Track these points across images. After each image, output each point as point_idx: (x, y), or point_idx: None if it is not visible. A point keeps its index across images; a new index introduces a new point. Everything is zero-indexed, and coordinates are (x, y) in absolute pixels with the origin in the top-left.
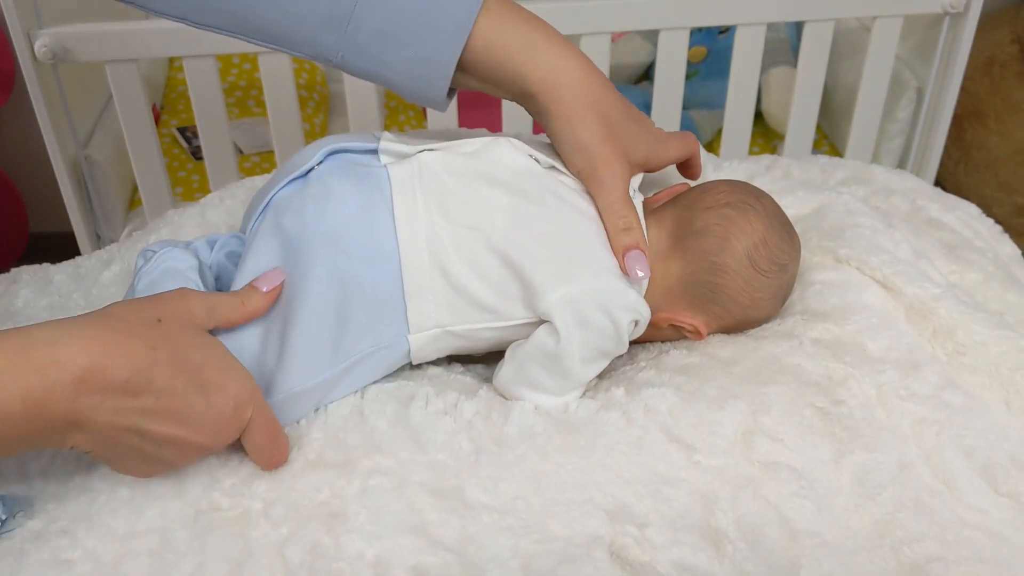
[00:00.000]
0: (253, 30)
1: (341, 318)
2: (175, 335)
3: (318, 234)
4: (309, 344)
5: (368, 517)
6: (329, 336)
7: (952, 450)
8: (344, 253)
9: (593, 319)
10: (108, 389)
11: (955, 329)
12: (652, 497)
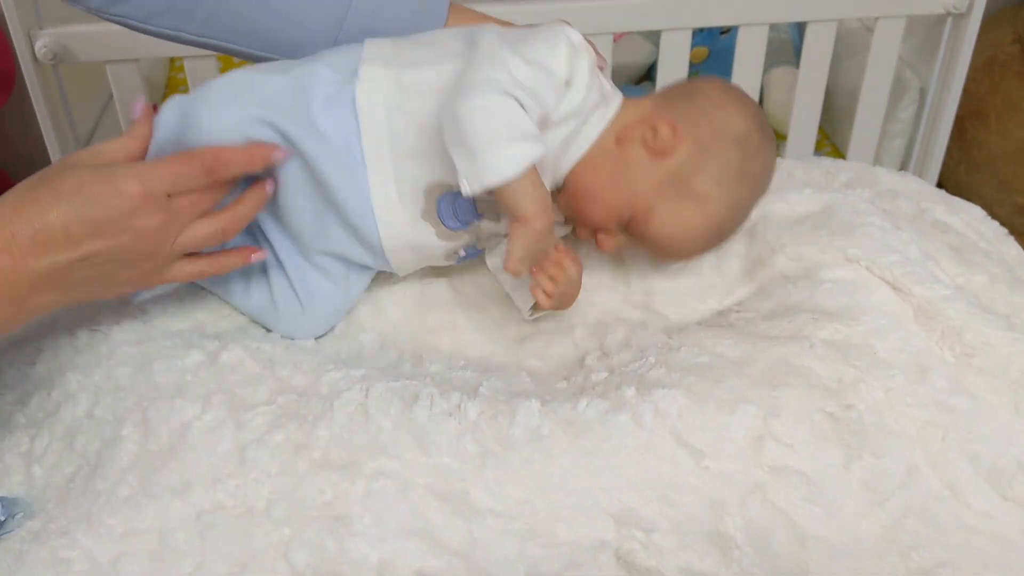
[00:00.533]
0: (251, 40)
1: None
2: (57, 176)
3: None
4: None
5: (372, 520)
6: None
7: (957, 455)
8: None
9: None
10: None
11: (964, 331)
12: (659, 502)
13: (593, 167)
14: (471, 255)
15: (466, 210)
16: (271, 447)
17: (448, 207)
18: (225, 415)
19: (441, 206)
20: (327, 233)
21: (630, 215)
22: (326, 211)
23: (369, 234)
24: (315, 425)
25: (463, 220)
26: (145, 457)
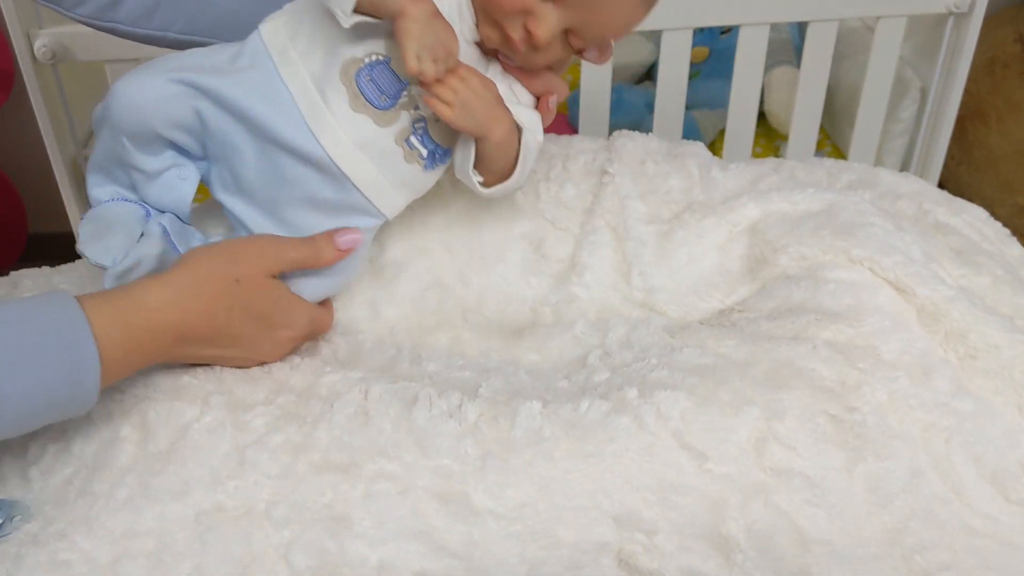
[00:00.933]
0: (240, 33)
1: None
2: (249, 293)
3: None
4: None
5: (372, 522)
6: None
7: (961, 457)
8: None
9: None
10: (196, 340)
11: (967, 332)
12: (661, 504)
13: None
14: (435, 155)
15: (388, 81)
16: (270, 449)
17: (369, 86)
18: (224, 416)
19: (361, 86)
20: (282, 174)
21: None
22: (272, 150)
23: (313, 150)
24: (314, 427)
25: (390, 93)
26: (144, 459)
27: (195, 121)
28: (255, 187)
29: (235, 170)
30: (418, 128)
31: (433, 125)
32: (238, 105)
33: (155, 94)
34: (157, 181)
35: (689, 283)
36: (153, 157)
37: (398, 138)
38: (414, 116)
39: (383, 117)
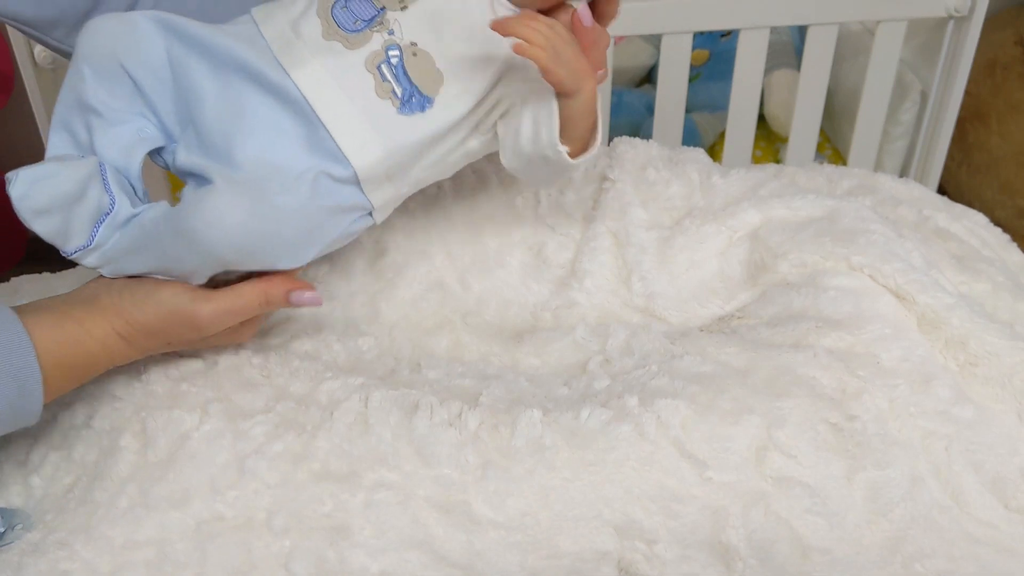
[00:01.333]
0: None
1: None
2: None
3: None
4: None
5: (373, 531)
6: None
7: (962, 465)
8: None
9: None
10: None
11: (968, 339)
12: (662, 513)
13: None
14: (411, 98)
15: (362, 6)
16: (270, 457)
17: (343, 13)
18: (223, 425)
19: (336, 14)
20: (243, 108)
21: None
22: (235, 82)
23: (279, 79)
24: (314, 435)
25: (364, 18)
26: (144, 467)
27: (162, 62)
28: (212, 129)
29: (194, 117)
30: (392, 57)
31: (410, 59)
32: (208, 42)
33: (130, 27)
34: (112, 130)
35: (689, 289)
36: (112, 97)
37: (368, 62)
38: (387, 41)
39: (353, 40)
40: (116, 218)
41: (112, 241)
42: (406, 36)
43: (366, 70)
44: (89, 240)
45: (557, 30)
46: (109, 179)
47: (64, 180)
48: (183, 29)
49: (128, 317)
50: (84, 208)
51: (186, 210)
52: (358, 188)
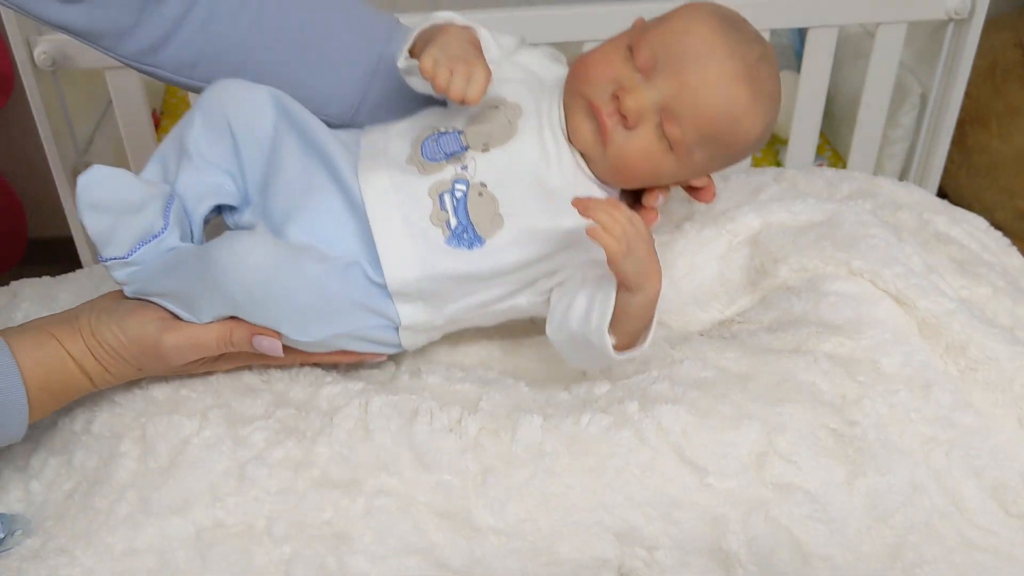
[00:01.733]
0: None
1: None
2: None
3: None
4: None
5: (373, 538)
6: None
7: (962, 470)
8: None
9: None
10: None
11: (968, 344)
12: (662, 520)
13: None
14: (463, 233)
15: (450, 143)
16: (270, 464)
17: (431, 145)
18: (223, 431)
19: (425, 145)
20: (311, 186)
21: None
22: (314, 167)
23: (350, 178)
24: (314, 442)
25: (446, 152)
26: (144, 474)
27: (267, 135)
28: (278, 198)
29: (269, 184)
30: (457, 191)
31: (475, 198)
32: (309, 128)
33: (250, 94)
34: (197, 175)
35: (690, 293)
36: (209, 147)
37: (432, 189)
38: (457, 175)
39: (428, 167)
40: (160, 244)
41: (147, 265)
42: (478, 176)
43: (428, 195)
44: (127, 254)
45: (636, 224)
46: (172, 208)
47: (131, 189)
48: (295, 113)
49: (100, 338)
50: (136, 222)
51: (219, 240)
52: (387, 296)
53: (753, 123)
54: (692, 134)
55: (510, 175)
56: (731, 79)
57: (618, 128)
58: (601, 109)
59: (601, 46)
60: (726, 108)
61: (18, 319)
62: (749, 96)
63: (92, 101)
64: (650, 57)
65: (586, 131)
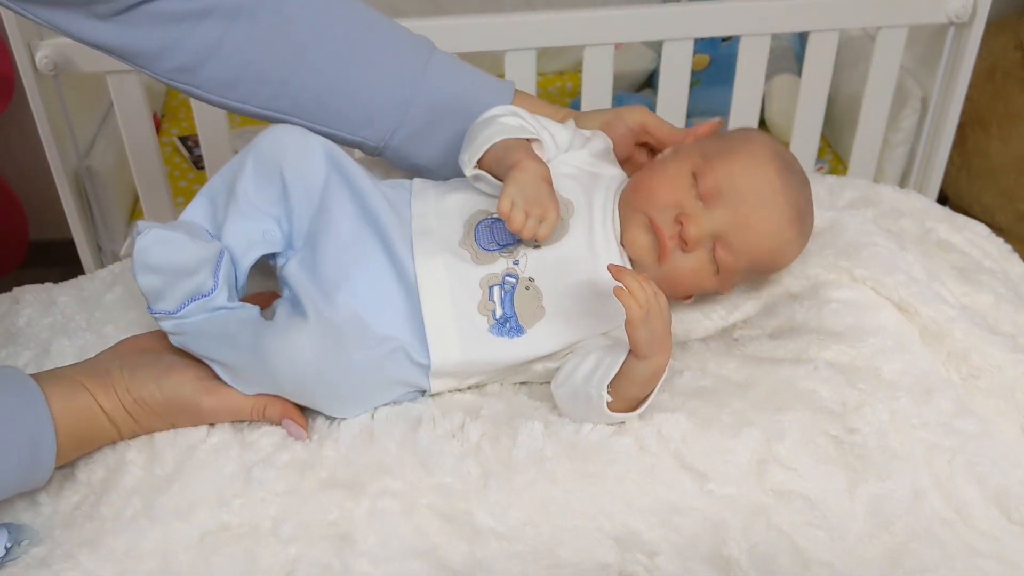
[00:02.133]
0: (315, 116)
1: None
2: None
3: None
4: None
5: (377, 540)
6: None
7: (965, 477)
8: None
9: None
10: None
11: (970, 352)
12: (663, 526)
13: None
14: (506, 323)
15: (504, 233)
16: (277, 467)
17: (485, 232)
18: (230, 437)
19: (478, 231)
20: (361, 259)
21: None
22: (366, 235)
23: (403, 253)
24: (321, 445)
25: (500, 242)
26: (150, 481)
27: (318, 185)
28: (329, 261)
29: (319, 242)
30: (507, 283)
31: (521, 292)
32: (363, 190)
33: (304, 144)
34: (244, 223)
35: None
36: (257, 193)
37: (483, 281)
38: (508, 269)
39: (481, 256)
40: (210, 303)
41: (195, 319)
42: (527, 271)
43: (479, 286)
44: (177, 309)
45: (660, 301)
46: (222, 268)
47: (186, 255)
48: (347, 169)
49: (135, 395)
50: (188, 283)
51: (272, 333)
52: (426, 375)
53: (792, 255)
54: (742, 263)
55: (557, 271)
56: (786, 223)
57: (676, 250)
58: (664, 231)
59: (666, 166)
60: (777, 247)
61: (20, 325)
62: (795, 235)
63: (93, 104)
64: (714, 188)
65: (643, 243)
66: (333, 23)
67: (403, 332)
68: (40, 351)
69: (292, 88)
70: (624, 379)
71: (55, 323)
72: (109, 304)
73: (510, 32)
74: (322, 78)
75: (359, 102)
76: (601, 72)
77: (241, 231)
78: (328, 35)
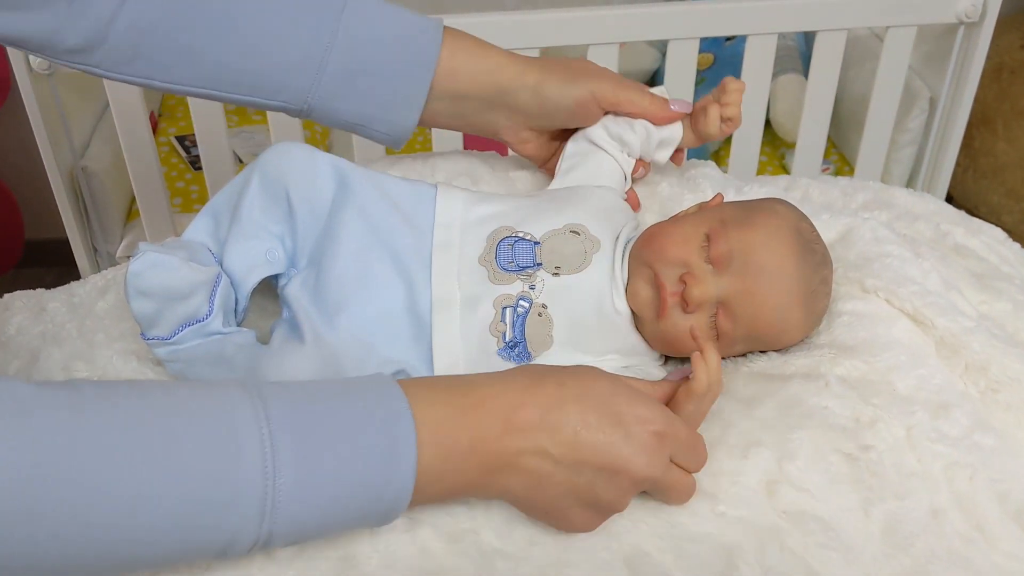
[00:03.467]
0: (226, 84)
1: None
2: (582, 376)
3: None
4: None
5: (380, 561)
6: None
7: (986, 494)
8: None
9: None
10: (528, 428)
11: (989, 364)
12: (673, 550)
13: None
14: (515, 348)
15: (525, 253)
16: None
17: (506, 251)
18: None
19: (500, 248)
20: (368, 280)
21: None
22: (374, 254)
23: (417, 271)
24: None
25: (519, 263)
26: None
27: (324, 205)
28: (332, 283)
29: (323, 262)
30: (520, 307)
31: (534, 318)
32: (375, 209)
33: (310, 162)
34: (246, 243)
35: None
36: (262, 213)
37: (497, 302)
38: (523, 292)
39: (499, 276)
40: (204, 328)
41: (189, 345)
42: (542, 297)
43: (492, 306)
44: (171, 335)
45: (718, 389)
46: (218, 293)
47: (179, 279)
48: (356, 186)
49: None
50: (182, 308)
51: (268, 356)
52: None
53: (796, 335)
54: (741, 332)
55: (571, 302)
56: (794, 302)
57: (676, 308)
58: (666, 287)
59: (680, 223)
60: (780, 323)
61: (11, 333)
62: (802, 316)
63: (89, 104)
64: (726, 254)
65: (644, 297)
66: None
67: (407, 354)
68: (29, 359)
69: (197, 53)
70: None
71: (46, 331)
72: (101, 312)
73: (512, 31)
74: (229, 40)
75: (271, 62)
76: None
77: (243, 251)
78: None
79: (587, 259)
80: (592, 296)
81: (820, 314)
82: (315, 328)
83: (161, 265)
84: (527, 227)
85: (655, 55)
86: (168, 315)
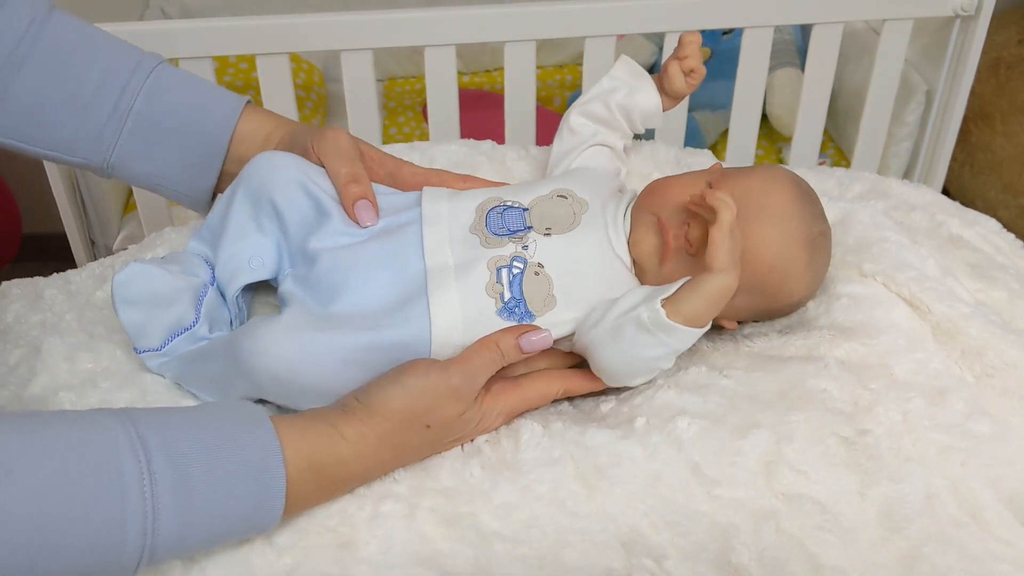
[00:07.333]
0: (35, 136)
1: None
2: (438, 434)
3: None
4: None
5: (379, 546)
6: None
7: (978, 480)
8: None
9: None
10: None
11: (985, 350)
12: (670, 530)
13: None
14: (514, 307)
15: (515, 219)
16: None
17: (496, 218)
18: None
19: (489, 217)
20: (361, 256)
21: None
22: (364, 235)
23: (411, 238)
24: None
25: (510, 228)
26: None
27: (303, 198)
28: (323, 274)
29: (313, 258)
30: (515, 267)
31: (530, 276)
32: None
33: (293, 170)
34: (236, 244)
35: None
36: (249, 217)
37: (491, 262)
38: (516, 253)
39: (491, 241)
40: (192, 336)
41: (180, 354)
42: (536, 256)
43: (487, 267)
44: (160, 346)
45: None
46: (204, 301)
47: (162, 284)
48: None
49: (383, 411)
50: (167, 315)
51: (244, 330)
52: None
53: (798, 288)
54: (745, 279)
55: (567, 260)
56: (794, 241)
57: (680, 251)
58: (669, 230)
59: (682, 176)
60: (781, 264)
61: (8, 321)
62: (804, 261)
63: None
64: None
65: (648, 245)
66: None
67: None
68: (31, 350)
69: (10, 108)
70: (690, 292)
71: (45, 320)
72: (100, 302)
73: (509, 23)
74: (39, 96)
75: (73, 116)
76: (602, 65)
77: (228, 258)
78: (48, 53)
79: (576, 219)
80: (590, 250)
81: (821, 271)
82: (312, 315)
83: (143, 273)
84: (515, 196)
85: (652, 48)
86: (155, 323)
